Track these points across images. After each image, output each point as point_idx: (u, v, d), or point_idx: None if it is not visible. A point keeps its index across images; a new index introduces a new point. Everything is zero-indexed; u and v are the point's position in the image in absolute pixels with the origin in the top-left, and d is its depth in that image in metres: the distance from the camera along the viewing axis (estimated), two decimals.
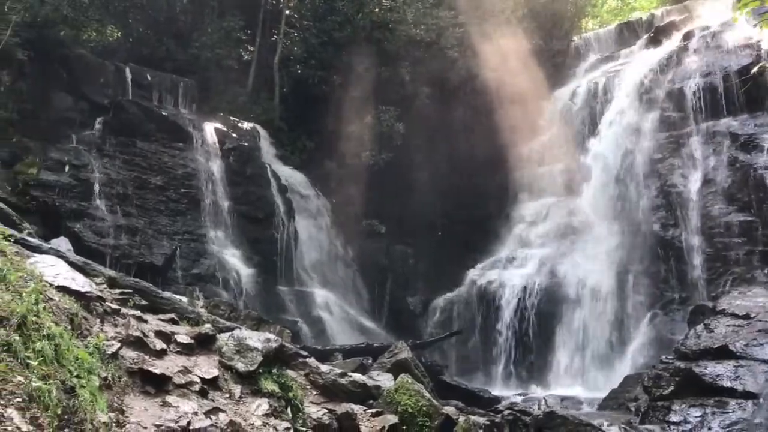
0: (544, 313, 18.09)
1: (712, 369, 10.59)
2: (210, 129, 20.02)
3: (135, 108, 19.04)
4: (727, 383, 10.22)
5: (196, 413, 5.93)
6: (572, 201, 20.27)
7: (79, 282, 6.81)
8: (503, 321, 18.65)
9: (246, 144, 20.51)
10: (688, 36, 20.23)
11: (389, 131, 22.70)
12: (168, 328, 7.48)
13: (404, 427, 7.69)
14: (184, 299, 9.25)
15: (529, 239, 20.92)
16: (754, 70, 15.99)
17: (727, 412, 9.79)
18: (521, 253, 20.50)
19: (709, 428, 9.71)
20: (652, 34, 22.65)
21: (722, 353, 10.90)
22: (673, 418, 10.17)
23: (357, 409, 7.65)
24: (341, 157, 22.33)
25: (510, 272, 19.92)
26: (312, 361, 8.35)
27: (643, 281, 16.79)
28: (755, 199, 15.22)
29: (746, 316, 11.87)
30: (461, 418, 8.21)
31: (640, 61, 21.07)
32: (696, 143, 17.38)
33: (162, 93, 20.57)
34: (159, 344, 6.87)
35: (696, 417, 9.99)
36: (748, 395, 9.86)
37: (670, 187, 17.16)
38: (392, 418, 7.61)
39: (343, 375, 8.24)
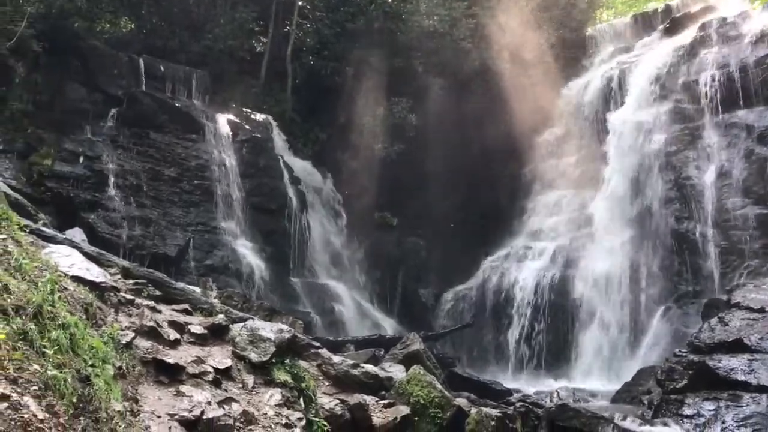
0: (557, 305, 18.04)
1: (726, 362, 10.50)
2: (223, 120, 20.06)
3: (148, 99, 19.10)
4: (741, 377, 10.14)
5: (209, 403, 5.97)
6: (586, 193, 20.16)
7: (94, 272, 6.87)
8: (515, 313, 18.62)
9: (259, 135, 20.54)
10: (704, 27, 19.99)
11: (402, 123, 22.67)
12: (181, 318, 7.53)
13: (416, 419, 7.71)
14: (197, 290, 9.30)
15: (543, 232, 20.85)
16: None
17: (741, 406, 9.71)
18: (534, 245, 20.44)
19: (723, 422, 9.65)
20: (667, 25, 22.41)
21: (736, 347, 10.81)
22: (687, 411, 10.11)
23: (369, 399, 7.68)
24: (354, 149, 22.31)
25: (523, 265, 19.88)
26: (324, 352, 8.38)
27: (656, 274, 16.69)
28: None
29: (761, 310, 11.76)
30: (473, 410, 8.22)
31: (656, 53, 20.85)
32: (711, 135, 17.23)
33: (175, 84, 20.60)
34: (173, 334, 6.92)
35: (709, 410, 9.93)
36: (762, 389, 9.78)
37: (684, 179, 17.02)
38: (404, 409, 7.63)
39: (355, 366, 8.26)
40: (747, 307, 12.03)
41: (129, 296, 7.26)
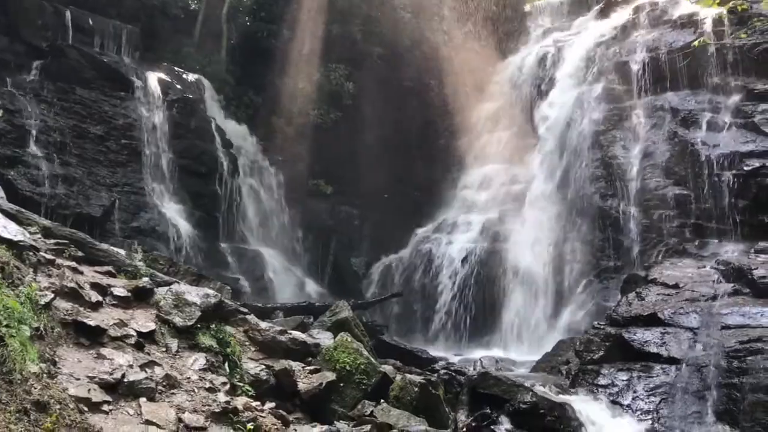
0: (485, 277, 18.43)
1: (640, 335, 11.02)
2: (153, 79, 19.37)
3: (75, 53, 18.26)
4: (653, 349, 10.67)
5: (131, 366, 5.88)
6: (518, 168, 20.54)
7: (11, 230, 6.63)
8: (444, 284, 18.93)
9: (190, 96, 19.96)
10: (637, 10, 20.49)
11: (339, 90, 22.46)
12: (104, 280, 7.36)
13: (341, 384, 7.79)
14: (122, 252, 9.07)
15: (474, 204, 21.18)
16: (695, 43, 16.42)
17: (652, 377, 10.23)
18: (465, 217, 20.76)
19: (635, 391, 10.15)
20: (602, 6, 22.84)
21: (651, 320, 11.34)
22: (602, 381, 10.58)
23: (295, 365, 7.70)
24: (289, 115, 22.01)
25: (453, 236, 20.18)
26: (252, 318, 8.35)
27: (581, 249, 17.21)
28: (691, 174, 15.70)
29: (675, 286, 12.35)
30: (398, 377, 8.36)
31: (590, 33, 21.27)
32: (638, 116, 17.75)
33: (104, 39, 19.72)
34: (95, 296, 6.77)
35: (623, 380, 10.42)
36: (672, 360, 10.31)
37: (611, 158, 17.52)
38: (330, 375, 7.70)
39: (282, 332, 8.27)
40: (663, 283, 12.61)
41: (49, 256, 7.04)
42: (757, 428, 8.79)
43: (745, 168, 14.64)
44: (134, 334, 6.49)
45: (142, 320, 6.85)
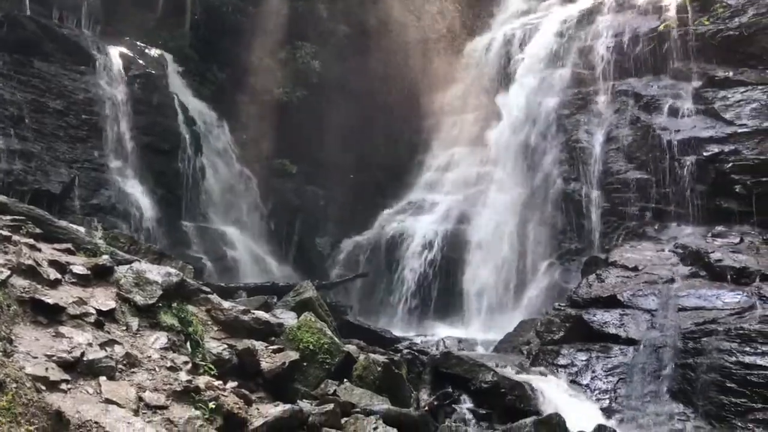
0: (448, 258, 18.57)
1: (600, 316, 11.25)
2: (115, 53, 18.92)
3: (33, 25, 17.69)
4: (612, 330, 10.91)
5: (90, 344, 5.79)
6: (483, 151, 20.64)
7: None
8: (408, 265, 19.02)
9: (153, 72, 19.55)
10: None
11: (305, 69, 22.24)
12: (63, 258, 7.21)
13: (305, 364, 7.80)
14: (82, 230, 8.90)
15: (439, 186, 21.28)
16: (660, 27, 16.60)
17: (611, 357, 10.47)
18: (430, 199, 20.86)
19: (593, 371, 10.38)
20: None
21: (610, 302, 11.58)
22: (561, 361, 10.80)
23: (258, 345, 7.67)
24: (253, 92, 21.72)
25: (418, 218, 20.27)
26: (214, 297, 8.27)
27: (543, 231, 17.43)
28: (652, 159, 15.95)
29: (635, 268, 12.61)
30: (361, 356, 8.40)
31: (557, 16, 21.35)
32: (602, 101, 17.95)
33: (63, 11, 19.17)
34: (53, 274, 6.64)
35: (582, 360, 10.64)
36: (630, 341, 10.56)
37: (574, 142, 17.70)
38: (293, 355, 7.68)
39: (245, 312, 8.22)
40: (623, 265, 12.87)
41: (5, 233, 6.87)
42: (709, 407, 9.06)
43: (705, 153, 14.92)
44: (94, 312, 6.38)
45: (102, 298, 6.73)
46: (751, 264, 11.44)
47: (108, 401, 5.25)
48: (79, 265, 7.11)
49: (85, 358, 5.58)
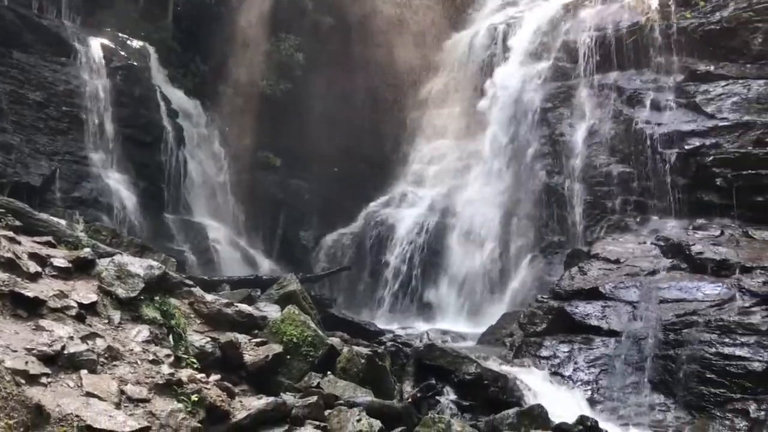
0: (432, 251, 18.63)
1: (582, 309, 11.34)
2: (96, 45, 18.73)
3: (12, 15, 17.45)
4: (594, 322, 11.00)
5: (71, 338, 5.74)
6: (467, 144, 20.68)
7: None
8: (392, 258, 19.07)
9: (135, 63, 19.38)
10: None
11: (289, 61, 22.14)
12: (44, 250, 7.14)
13: (288, 357, 7.77)
14: (63, 222, 8.80)
15: (423, 179, 21.30)
16: (643, 21, 16.68)
17: (592, 348, 10.57)
18: (414, 192, 20.87)
19: (575, 362, 10.46)
20: None
21: (592, 294, 11.68)
22: (544, 353, 10.87)
23: (242, 338, 7.64)
24: (237, 84, 21.60)
25: (402, 211, 20.30)
26: (197, 290, 8.22)
27: (526, 224, 17.52)
28: (634, 152, 16.07)
29: (617, 261, 12.72)
30: (345, 349, 8.38)
31: (541, 9, 21.39)
32: (585, 95, 18.03)
33: (43, 1, 18.97)
34: (33, 267, 6.57)
35: (564, 352, 10.73)
36: (612, 333, 10.66)
37: (558, 135, 17.79)
38: (277, 348, 7.66)
39: (229, 305, 8.18)
40: (605, 258, 12.96)
41: None
42: (689, 397, 9.17)
43: (686, 147, 15.05)
44: (75, 305, 6.32)
45: (84, 291, 6.67)
46: (731, 256, 11.57)
47: (89, 394, 5.21)
48: (60, 258, 7.04)
49: (65, 352, 5.53)
